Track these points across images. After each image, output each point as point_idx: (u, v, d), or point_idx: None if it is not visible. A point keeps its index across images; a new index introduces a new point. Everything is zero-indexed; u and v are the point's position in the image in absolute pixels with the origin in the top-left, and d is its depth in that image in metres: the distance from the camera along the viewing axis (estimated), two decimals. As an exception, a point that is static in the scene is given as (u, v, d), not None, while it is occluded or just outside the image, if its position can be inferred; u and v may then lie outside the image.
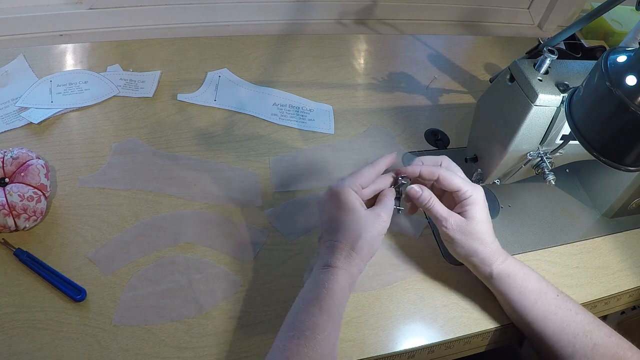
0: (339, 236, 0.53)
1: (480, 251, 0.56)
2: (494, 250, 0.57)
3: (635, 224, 0.74)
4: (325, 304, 0.49)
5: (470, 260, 0.57)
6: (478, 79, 0.94)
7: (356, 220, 0.53)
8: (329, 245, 0.53)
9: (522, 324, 0.57)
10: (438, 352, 0.60)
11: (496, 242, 0.57)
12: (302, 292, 0.51)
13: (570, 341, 0.54)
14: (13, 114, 0.71)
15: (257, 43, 0.91)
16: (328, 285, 0.50)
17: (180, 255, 0.60)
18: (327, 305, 0.49)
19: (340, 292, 0.50)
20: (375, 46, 0.97)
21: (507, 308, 0.59)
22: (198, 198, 0.66)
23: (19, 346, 0.50)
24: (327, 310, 0.49)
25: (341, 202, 0.54)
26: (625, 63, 0.43)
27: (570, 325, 0.54)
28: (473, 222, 0.55)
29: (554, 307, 0.55)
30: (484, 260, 0.56)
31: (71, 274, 0.56)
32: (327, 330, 0.48)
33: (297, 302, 0.51)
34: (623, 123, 0.43)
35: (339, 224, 0.54)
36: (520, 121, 0.54)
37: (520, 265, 0.57)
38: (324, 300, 0.49)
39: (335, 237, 0.53)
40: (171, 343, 0.53)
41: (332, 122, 0.80)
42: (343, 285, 0.51)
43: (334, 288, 0.50)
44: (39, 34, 0.88)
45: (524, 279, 0.56)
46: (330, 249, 0.53)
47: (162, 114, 0.76)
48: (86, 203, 0.63)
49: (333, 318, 0.49)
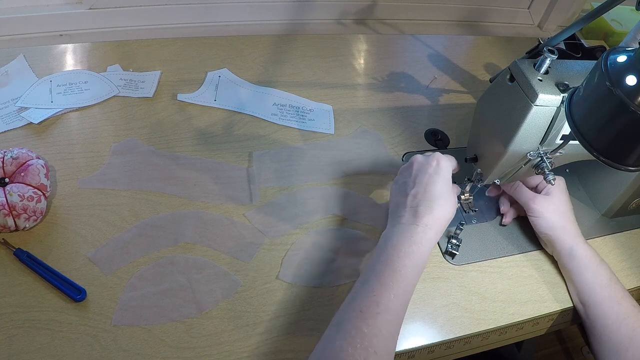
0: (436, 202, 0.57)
1: (565, 227, 0.63)
2: (576, 229, 0.64)
3: (635, 224, 0.74)
4: (417, 259, 0.54)
5: (555, 233, 0.63)
6: (478, 79, 0.94)
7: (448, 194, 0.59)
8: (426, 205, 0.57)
9: (586, 306, 0.60)
10: (438, 352, 0.60)
11: (577, 224, 0.65)
12: (390, 244, 0.54)
13: (628, 333, 0.56)
14: (13, 114, 0.71)
15: (257, 43, 0.91)
16: (420, 240, 0.54)
17: (180, 255, 0.60)
18: (419, 260, 0.54)
19: (429, 249, 0.56)
20: (375, 46, 0.97)
21: (576, 287, 0.62)
22: (198, 198, 0.66)
23: (19, 346, 0.50)
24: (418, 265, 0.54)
25: (444, 174, 0.59)
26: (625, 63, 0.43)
27: (631, 318, 0.57)
28: (556, 199, 0.65)
29: (620, 297, 0.59)
30: (567, 234, 0.63)
31: (71, 274, 0.56)
32: (413, 284, 0.53)
33: (388, 251, 0.54)
34: (623, 123, 0.43)
35: (436, 192, 0.58)
36: (520, 121, 0.54)
37: (596, 252, 0.62)
38: (416, 253, 0.54)
39: (434, 201, 0.57)
40: (171, 343, 0.53)
41: (332, 122, 0.80)
42: (432, 242, 0.56)
43: (425, 244, 0.55)
44: (39, 34, 0.88)
45: (599, 264, 0.61)
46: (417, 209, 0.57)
47: (162, 114, 0.76)
48: (86, 203, 0.63)
49: (419, 272, 0.54)
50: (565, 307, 0.63)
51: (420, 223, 0.56)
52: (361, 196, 0.70)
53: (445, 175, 0.59)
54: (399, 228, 0.56)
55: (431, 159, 0.60)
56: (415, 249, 0.54)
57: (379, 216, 0.67)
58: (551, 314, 0.63)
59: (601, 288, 0.60)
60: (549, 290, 0.64)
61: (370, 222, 0.67)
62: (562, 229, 0.63)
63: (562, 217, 0.64)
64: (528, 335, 0.66)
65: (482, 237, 0.68)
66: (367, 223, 0.67)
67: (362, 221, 0.67)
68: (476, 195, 0.72)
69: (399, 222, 0.57)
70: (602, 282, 0.60)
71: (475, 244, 0.67)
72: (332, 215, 0.67)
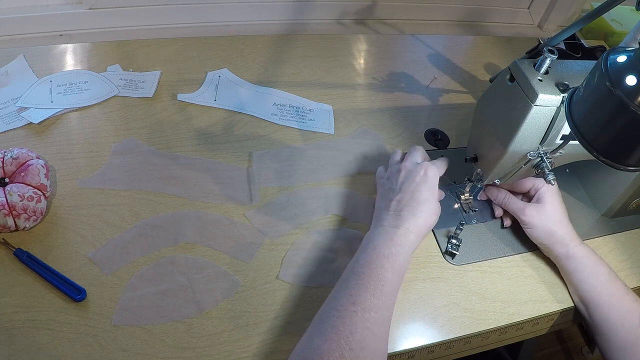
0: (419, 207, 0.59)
1: (558, 231, 0.63)
2: (571, 232, 0.63)
3: (635, 224, 0.74)
4: (396, 261, 0.54)
5: (549, 240, 0.63)
6: (478, 79, 0.94)
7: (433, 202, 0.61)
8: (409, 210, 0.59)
9: (588, 306, 0.61)
10: (438, 352, 0.60)
11: (571, 225, 0.64)
12: (371, 246, 0.56)
13: (633, 328, 0.57)
14: (13, 114, 0.71)
15: (257, 43, 0.91)
16: (400, 242, 0.56)
17: (180, 255, 0.60)
18: (398, 262, 0.55)
19: (409, 252, 0.57)
20: (375, 46, 0.97)
21: (575, 288, 0.62)
22: (198, 198, 0.66)
23: (19, 346, 0.50)
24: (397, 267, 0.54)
25: (430, 183, 0.61)
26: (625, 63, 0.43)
27: (634, 313, 0.57)
28: (548, 206, 0.64)
29: (621, 294, 0.59)
30: (562, 239, 0.62)
31: (71, 274, 0.56)
32: (393, 285, 0.53)
33: (367, 253, 0.55)
34: (623, 123, 0.43)
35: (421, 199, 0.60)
36: (520, 121, 0.54)
37: (593, 251, 0.63)
38: (395, 255, 0.55)
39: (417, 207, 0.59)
40: (171, 343, 0.53)
41: (332, 122, 0.80)
42: (413, 245, 0.57)
43: (405, 246, 0.56)
44: (39, 34, 0.88)
45: (597, 263, 0.61)
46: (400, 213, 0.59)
47: (162, 114, 0.76)
48: (86, 203, 0.63)
49: (399, 274, 0.55)
50: (565, 307, 0.63)
51: (402, 226, 0.57)
52: (361, 196, 0.70)
53: (432, 184, 0.61)
54: (380, 230, 0.58)
55: (419, 168, 0.63)
56: (395, 251, 0.55)
57: (379, 216, 0.67)
58: (551, 314, 0.63)
59: (601, 286, 0.60)
60: (549, 290, 0.64)
61: (370, 222, 0.67)
62: (556, 235, 0.63)
63: (554, 223, 0.63)
64: (528, 335, 0.66)
65: (482, 237, 0.68)
66: (367, 223, 0.67)
67: (362, 221, 0.67)
68: (476, 195, 0.72)
69: (380, 225, 0.59)
70: (601, 280, 0.60)
71: (475, 244, 0.67)
72: (332, 215, 0.67)
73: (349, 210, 0.68)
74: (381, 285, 0.52)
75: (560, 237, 0.63)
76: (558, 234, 0.63)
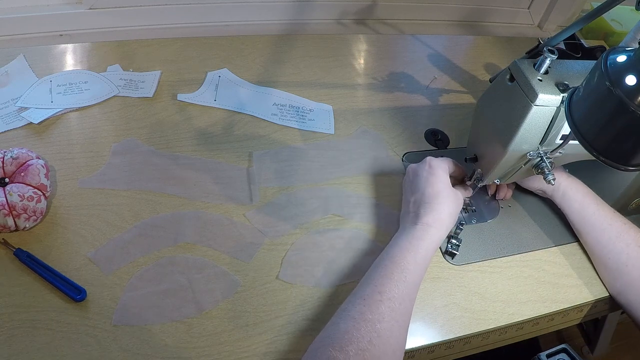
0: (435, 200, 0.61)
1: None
2: (560, 172, 0.68)
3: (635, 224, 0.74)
4: (418, 253, 0.56)
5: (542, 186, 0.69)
6: (478, 79, 0.94)
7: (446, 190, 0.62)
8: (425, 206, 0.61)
9: (581, 234, 0.67)
10: (438, 352, 0.60)
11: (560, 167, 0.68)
12: (393, 244, 0.58)
13: (624, 249, 0.62)
14: (13, 114, 0.71)
15: (257, 43, 0.91)
16: (420, 236, 0.58)
17: (180, 255, 0.60)
18: (420, 254, 0.57)
19: (431, 245, 0.58)
20: (375, 46, 0.97)
21: (570, 219, 0.68)
22: (198, 198, 0.66)
23: (19, 346, 0.50)
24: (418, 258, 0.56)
25: (437, 174, 0.63)
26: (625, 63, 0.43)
27: (623, 235, 0.62)
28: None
29: (609, 219, 0.64)
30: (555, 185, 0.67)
31: (71, 274, 0.56)
32: (416, 276, 0.55)
33: (390, 250, 0.57)
34: (623, 123, 0.43)
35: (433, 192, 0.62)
36: (520, 121, 0.54)
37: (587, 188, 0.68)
38: (416, 248, 0.57)
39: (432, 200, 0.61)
40: (171, 343, 0.53)
41: (332, 122, 0.80)
42: (434, 237, 0.59)
43: (426, 239, 0.58)
44: (39, 34, 0.88)
45: (586, 195, 0.67)
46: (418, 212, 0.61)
47: (162, 114, 0.76)
48: (86, 203, 0.63)
49: (422, 266, 0.57)
50: (566, 307, 0.63)
51: (420, 222, 0.59)
52: (361, 196, 0.70)
53: (439, 174, 0.63)
54: (401, 232, 0.61)
55: (423, 164, 0.65)
56: (416, 243, 0.57)
57: (379, 216, 0.68)
58: (551, 314, 0.63)
59: (589, 216, 0.65)
60: (549, 290, 0.64)
61: (370, 222, 0.67)
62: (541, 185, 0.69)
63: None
64: (528, 335, 0.66)
65: (482, 237, 0.68)
66: (368, 223, 0.67)
67: (362, 221, 0.67)
68: (476, 195, 0.72)
69: (403, 228, 0.61)
70: (589, 210, 0.65)
71: (475, 244, 0.67)
72: (332, 215, 0.67)
73: (349, 211, 0.68)
74: (404, 276, 0.54)
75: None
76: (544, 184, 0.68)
